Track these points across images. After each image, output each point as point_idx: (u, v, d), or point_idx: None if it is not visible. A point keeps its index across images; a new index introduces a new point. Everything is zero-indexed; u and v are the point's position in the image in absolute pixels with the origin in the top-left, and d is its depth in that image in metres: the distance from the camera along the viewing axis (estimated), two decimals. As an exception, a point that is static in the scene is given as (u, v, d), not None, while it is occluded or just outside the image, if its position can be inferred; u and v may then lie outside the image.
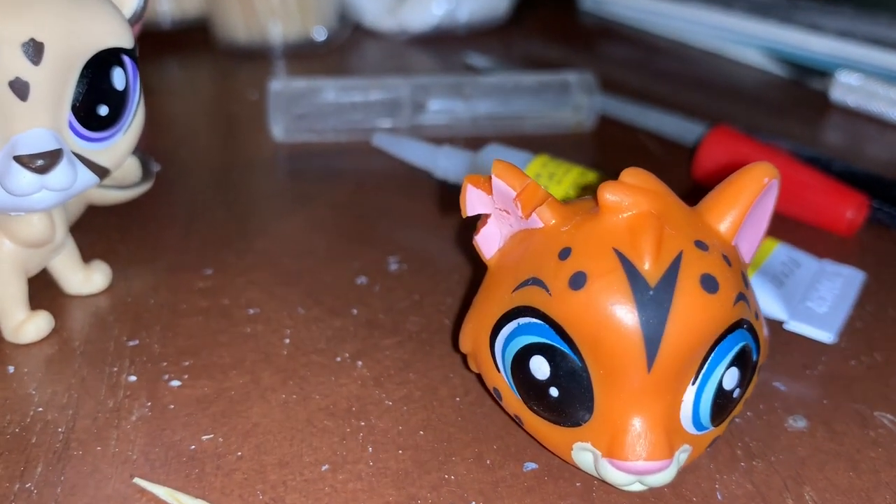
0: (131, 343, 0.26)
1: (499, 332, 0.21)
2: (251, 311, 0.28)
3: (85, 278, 0.29)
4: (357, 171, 0.38)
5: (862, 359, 0.26)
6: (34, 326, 0.26)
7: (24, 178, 0.23)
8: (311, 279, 0.30)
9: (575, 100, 0.40)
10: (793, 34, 0.47)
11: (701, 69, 0.52)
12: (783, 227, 0.32)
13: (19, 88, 0.22)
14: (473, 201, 0.22)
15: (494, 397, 0.22)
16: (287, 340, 0.26)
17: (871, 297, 0.29)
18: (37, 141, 0.23)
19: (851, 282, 0.28)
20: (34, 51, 0.22)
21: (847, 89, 0.44)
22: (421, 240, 0.32)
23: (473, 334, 0.22)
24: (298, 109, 0.40)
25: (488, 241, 0.22)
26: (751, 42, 0.51)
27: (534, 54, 0.56)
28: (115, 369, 0.25)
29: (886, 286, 0.29)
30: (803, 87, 0.48)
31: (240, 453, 0.22)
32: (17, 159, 0.22)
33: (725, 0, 0.52)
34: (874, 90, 0.43)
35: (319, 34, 0.53)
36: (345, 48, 0.55)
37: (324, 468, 0.22)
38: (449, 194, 0.35)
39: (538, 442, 0.22)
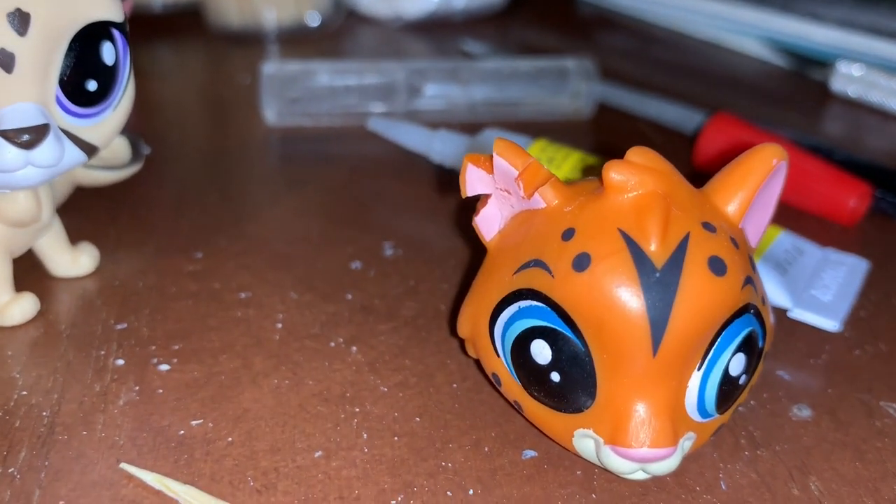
0: (119, 326, 0.26)
1: (499, 315, 0.20)
2: (243, 296, 0.27)
3: (72, 260, 0.28)
4: (351, 156, 0.37)
5: (866, 348, 0.25)
6: (19, 309, 0.25)
7: (9, 153, 0.22)
8: (304, 264, 0.29)
9: (573, 86, 0.39)
10: (793, 24, 0.47)
11: (700, 59, 0.51)
12: (786, 215, 0.32)
13: (4, 60, 0.21)
14: (473, 181, 0.21)
15: (493, 383, 0.22)
16: (279, 325, 0.26)
17: (875, 287, 0.28)
18: (22, 115, 0.22)
19: (855, 270, 0.28)
20: (20, 21, 0.21)
21: (847, 79, 0.43)
22: (417, 225, 0.32)
23: (472, 318, 0.21)
24: (292, 93, 0.39)
25: (488, 223, 0.21)
26: (750, 32, 0.50)
27: (531, 42, 0.55)
28: (103, 353, 0.24)
29: (890, 275, 0.29)
30: (803, 77, 0.48)
31: (230, 439, 0.21)
32: (2, 134, 0.22)
33: (725, -11, 0.51)
34: (874, 80, 0.42)
35: (313, 19, 0.52)
36: (339, 34, 0.54)
37: (317, 455, 0.21)
38: (445, 178, 0.34)
39: (538, 429, 0.21)
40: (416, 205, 0.33)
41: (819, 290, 0.26)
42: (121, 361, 0.24)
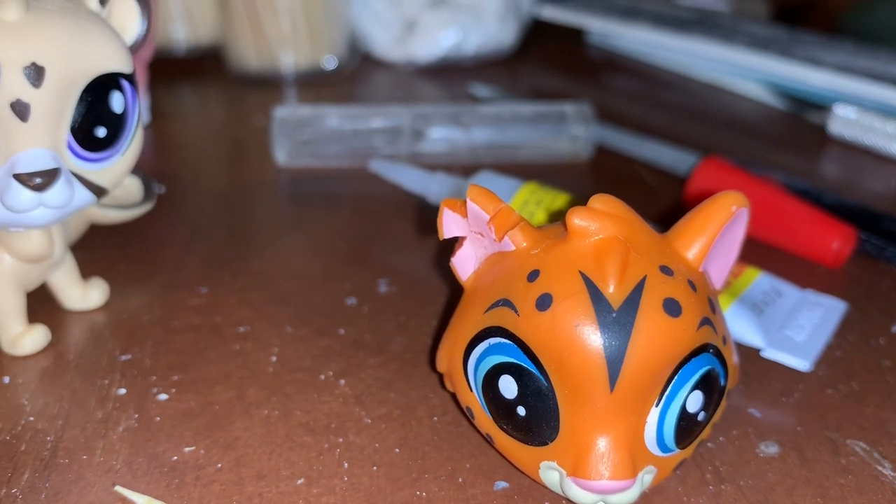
0: (123, 357, 0.27)
1: (471, 351, 0.21)
2: (241, 329, 0.29)
3: (83, 294, 0.29)
4: (356, 196, 0.39)
5: (839, 387, 0.26)
6: (31, 339, 0.27)
7: (23, 195, 0.24)
8: (302, 300, 0.30)
9: (571, 130, 0.41)
10: (792, 68, 0.48)
11: (702, 101, 0.52)
12: (771, 257, 0.33)
13: (20, 110, 0.23)
14: (450, 224, 0.22)
15: (468, 416, 0.23)
16: (274, 358, 0.27)
17: (854, 327, 0.29)
18: (36, 160, 0.24)
19: (832, 312, 0.28)
20: (35, 74, 0.23)
21: (844, 122, 0.44)
22: (412, 263, 0.33)
23: (448, 354, 0.22)
24: (302, 135, 0.41)
25: (464, 263, 0.23)
26: (751, 75, 0.51)
27: (539, 86, 0.57)
28: (106, 382, 0.26)
29: (870, 317, 0.30)
30: (802, 119, 0.48)
31: (219, 465, 0.23)
32: (17, 177, 0.23)
33: (727, 34, 0.52)
34: (871, 124, 0.43)
35: (329, 63, 0.55)
36: (354, 77, 0.56)
37: (299, 482, 0.22)
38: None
39: (509, 461, 0.22)
40: (414, 244, 0.34)
41: (793, 331, 0.27)
42: (123, 391, 0.26)
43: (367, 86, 0.56)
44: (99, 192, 0.26)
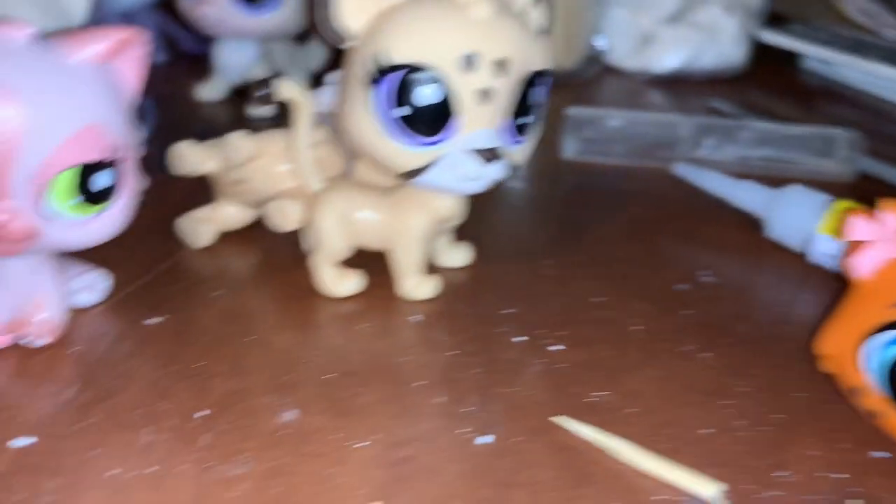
0: (506, 311, 0.32)
1: (873, 339, 0.25)
2: (597, 300, 0.33)
3: (454, 254, 0.34)
4: (640, 192, 0.43)
5: None
6: (427, 287, 0.32)
7: (475, 166, 0.28)
8: (635, 280, 0.35)
9: (840, 153, 0.44)
10: None
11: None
12: None
13: (486, 95, 0.28)
14: (858, 229, 0.26)
15: (851, 394, 0.26)
16: (635, 328, 0.31)
17: None
18: (488, 138, 0.28)
19: None
20: (502, 66, 0.28)
21: None
22: (727, 258, 0.37)
23: (839, 339, 0.26)
24: (588, 133, 0.45)
25: (866, 263, 0.26)
26: None
27: (760, 105, 0.60)
28: (501, 330, 0.30)
29: None
30: None
31: (629, 411, 0.27)
32: (474, 151, 0.28)
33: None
34: None
35: (574, 68, 0.59)
36: (592, 82, 0.60)
37: (702, 431, 0.26)
38: (747, 222, 0.39)
39: (891, 436, 0.26)
40: (723, 242, 0.38)
41: None
42: (520, 339, 0.30)
43: (603, 91, 0.60)
44: (514, 168, 0.30)
